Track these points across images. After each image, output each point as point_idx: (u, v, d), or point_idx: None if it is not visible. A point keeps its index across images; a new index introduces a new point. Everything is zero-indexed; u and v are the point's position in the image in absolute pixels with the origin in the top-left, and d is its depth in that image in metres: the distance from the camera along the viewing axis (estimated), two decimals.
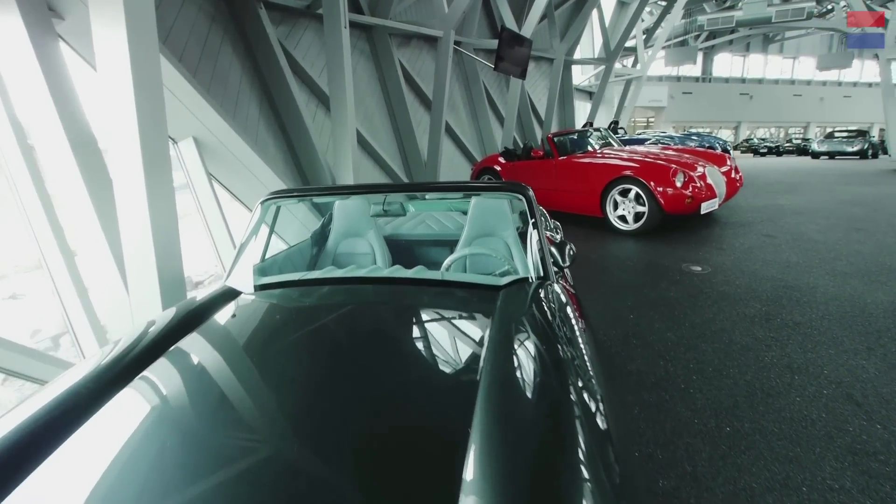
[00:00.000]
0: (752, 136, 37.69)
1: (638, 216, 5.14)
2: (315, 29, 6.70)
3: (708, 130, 39.32)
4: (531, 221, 1.89)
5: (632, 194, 5.10)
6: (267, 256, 2.22)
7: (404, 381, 1.12)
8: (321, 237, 2.85)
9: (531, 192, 2.00)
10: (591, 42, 19.42)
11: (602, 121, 17.12)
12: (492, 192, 2.18)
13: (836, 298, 3.35)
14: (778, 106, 38.15)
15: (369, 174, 7.38)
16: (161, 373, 1.18)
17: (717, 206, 5.12)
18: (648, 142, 9.51)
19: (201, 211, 4.10)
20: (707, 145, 9.13)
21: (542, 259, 1.76)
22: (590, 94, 18.72)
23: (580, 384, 1.05)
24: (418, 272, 1.76)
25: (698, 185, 4.91)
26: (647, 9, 16.29)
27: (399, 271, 1.78)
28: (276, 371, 1.20)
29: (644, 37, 19.12)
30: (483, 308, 1.51)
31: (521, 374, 1.02)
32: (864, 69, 36.57)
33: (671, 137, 10.35)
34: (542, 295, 1.57)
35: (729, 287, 3.63)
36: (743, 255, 4.38)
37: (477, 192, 2.14)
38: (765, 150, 30.98)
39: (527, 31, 10.03)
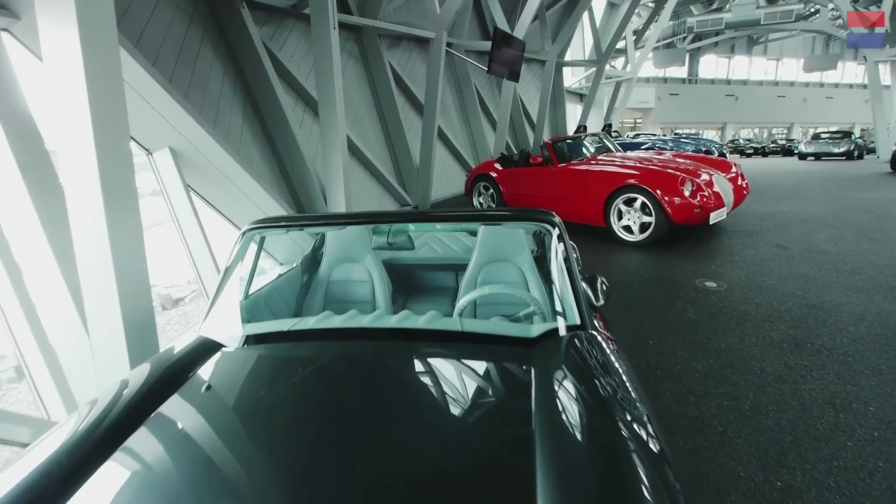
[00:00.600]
0: (738, 137, 38.05)
1: (644, 227, 4.92)
2: (301, 30, 6.38)
3: (694, 131, 39.67)
4: (562, 256, 1.62)
5: (637, 204, 4.87)
6: (251, 292, 1.93)
7: (439, 465, 0.93)
8: (312, 262, 2.56)
9: (559, 220, 1.73)
10: (581, 44, 19.33)
11: (593, 123, 17.00)
12: (515, 221, 1.90)
13: (863, 319, 3.15)
14: (762, 107, 38.63)
15: (359, 181, 7.08)
16: (144, 445, 1.06)
17: (725, 216, 4.92)
18: (644, 146, 9.33)
19: (179, 227, 3.76)
20: (703, 149, 8.97)
21: (578, 302, 1.49)
22: (580, 96, 18.61)
23: (638, 441, 0.98)
24: (432, 320, 1.47)
25: (706, 193, 4.71)
26: (636, 10, 16.19)
27: (409, 319, 1.49)
28: (280, 445, 1.01)
29: (633, 38, 19.08)
30: (516, 368, 1.26)
31: (575, 451, 0.91)
32: (846, 71, 37.15)
33: (665, 141, 10.18)
34: (582, 348, 1.31)
35: (749, 306, 3.41)
36: (757, 268, 4.17)
37: (498, 222, 1.86)
38: (751, 151, 31.27)
39: (519, 32, 9.80)
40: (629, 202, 4.97)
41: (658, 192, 4.67)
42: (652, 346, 2.91)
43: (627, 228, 5.06)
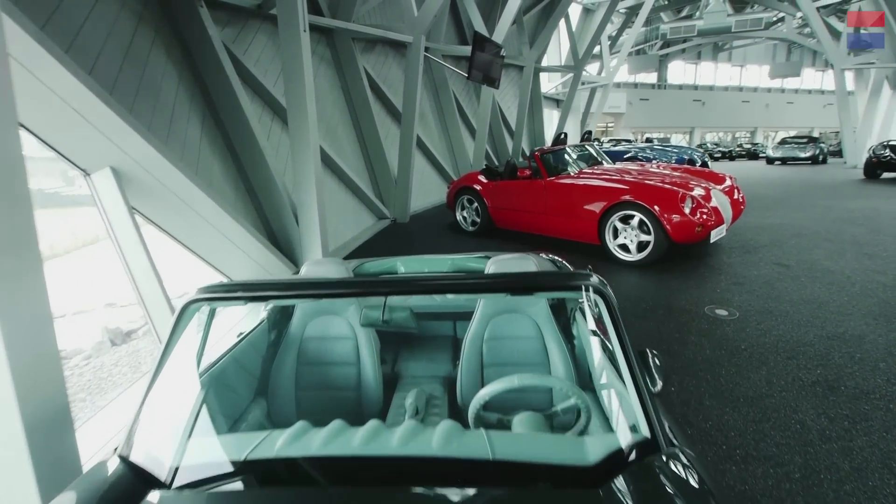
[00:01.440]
0: (705, 142, 39.02)
1: (642, 245, 4.64)
2: (269, 32, 5.87)
3: (664, 135, 40.53)
4: (615, 335, 1.23)
5: (635, 221, 4.58)
6: (201, 372, 1.47)
7: None
8: (282, 315, 2.11)
9: (608, 290, 1.32)
10: (557, 49, 19.28)
11: (570, 129, 16.91)
12: (553, 290, 1.50)
13: (890, 353, 2.90)
14: (728, 112, 39.80)
15: (334, 195, 6.59)
16: None
17: (724, 233, 4.68)
18: (626, 155, 9.16)
19: (124, 259, 3.23)
20: (686, 157, 8.85)
21: (645, 406, 1.09)
22: (556, 102, 18.54)
23: None
24: (448, 439, 1.05)
25: (706, 210, 4.45)
26: (612, 16, 16.18)
27: (416, 439, 1.06)
28: None
29: (608, 44, 19.15)
30: None
31: None
32: (805, 78, 38.54)
33: (646, 149, 10.04)
34: (670, 486, 0.93)
35: (768, 338, 3.13)
36: (764, 291, 3.92)
37: (529, 291, 1.44)
38: (718, 155, 32.01)
39: (497, 36, 9.50)
40: (625, 219, 4.68)
41: (657, 208, 4.39)
42: (675, 395, 2.57)
43: (624, 247, 4.77)
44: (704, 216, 4.40)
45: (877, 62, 14.67)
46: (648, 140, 35.54)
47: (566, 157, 5.89)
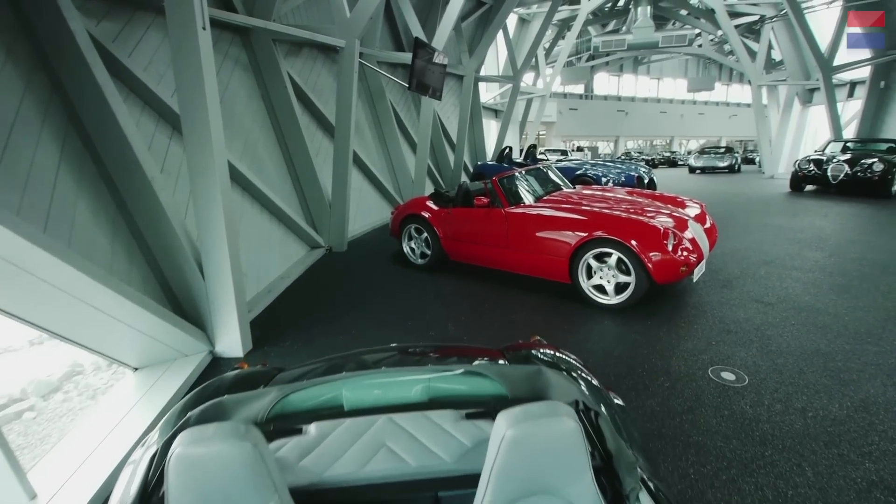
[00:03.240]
0: (629, 150, 41.13)
1: (620, 287, 4.09)
2: (162, 27, 4.72)
3: (592, 144, 42.18)
4: None
5: (612, 260, 4.02)
6: None
7: None
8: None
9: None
10: (494, 59, 19.04)
11: (509, 140, 16.65)
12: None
13: None
14: (648, 121, 42.29)
15: (256, 228, 5.51)
16: None
17: (704, 268, 4.26)
18: (577, 172, 8.80)
19: None
20: (635, 174, 8.66)
21: None
22: (495, 112, 18.25)
23: None
24: None
25: (689, 246, 3.99)
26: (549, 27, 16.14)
27: None
28: None
29: (543, 54, 19.22)
30: None
31: None
32: (714, 91, 41.79)
33: (595, 165, 9.79)
34: None
35: (794, 417, 2.62)
36: (760, 341, 3.49)
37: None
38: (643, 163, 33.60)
39: (437, 43, 8.82)
40: (601, 257, 4.12)
41: (635, 245, 3.85)
42: None
43: (599, 288, 4.20)
44: (687, 253, 3.93)
45: (788, 79, 15.87)
46: (579, 149, 36.78)
47: (525, 181, 5.27)
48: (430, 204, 5.55)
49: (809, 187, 11.72)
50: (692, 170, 22.47)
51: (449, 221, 5.27)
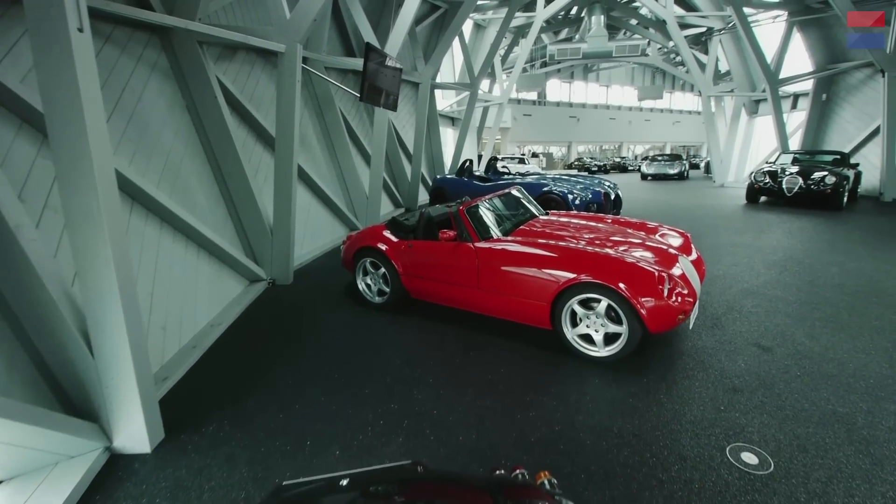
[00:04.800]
0: (582, 156, 41.98)
1: (609, 337, 3.58)
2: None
3: (546, 150, 42.70)
4: None
5: (601, 307, 3.50)
6: None
7: None
8: None
9: None
10: (450, 66, 18.51)
11: (468, 150, 16.18)
12: None
13: None
14: (598, 127, 43.41)
15: (180, 266, 4.60)
16: None
17: (697, 311, 3.82)
18: (545, 188, 8.34)
19: None
20: (601, 190, 8.30)
21: None
22: (451, 120, 17.73)
23: None
24: None
25: (683, 290, 3.53)
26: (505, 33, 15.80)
27: None
28: None
29: (499, 61, 18.92)
30: None
31: None
32: (660, 99, 43.48)
33: (556, 180, 9.38)
34: None
35: None
36: (773, 403, 3.05)
37: None
38: (595, 169, 34.36)
39: (391, 49, 8.13)
40: (587, 302, 3.59)
41: (625, 289, 3.35)
42: None
43: (586, 337, 3.67)
44: (683, 298, 3.47)
45: (735, 90, 16.35)
46: (535, 155, 37.05)
47: (496, 210, 4.70)
48: (388, 234, 4.86)
49: (764, 198, 11.95)
50: (644, 176, 23.01)
51: (410, 255, 4.61)
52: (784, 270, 5.82)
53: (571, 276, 3.55)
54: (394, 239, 4.77)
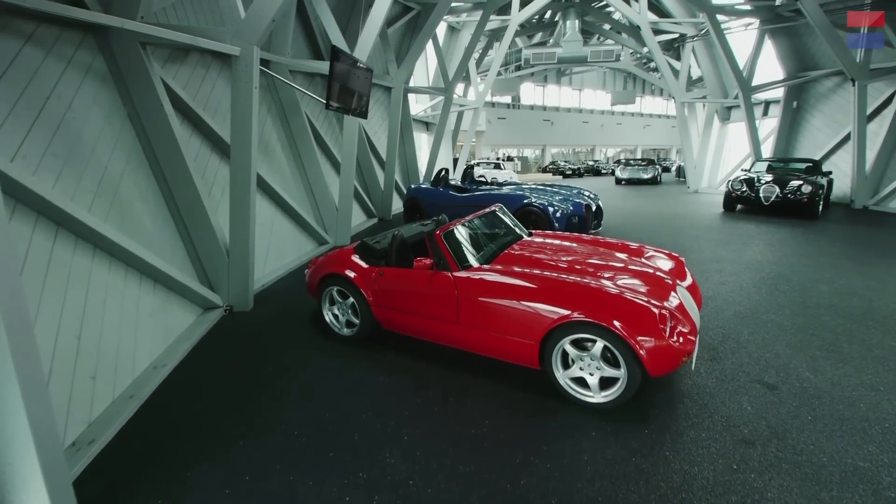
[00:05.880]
0: (556, 160, 42.19)
1: (605, 381, 3.21)
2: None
3: (520, 153, 42.72)
4: None
5: (596, 349, 3.13)
6: None
7: None
8: None
9: None
10: (424, 70, 18.06)
11: (442, 157, 15.77)
12: None
13: None
14: (571, 131, 43.75)
15: (119, 299, 4.01)
16: None
17: (697, 346, 3.50)
18: (525, 200, 7.98)
19: None
20: (583, 202, 8.01)
21: None
22: (426, 125, 17.28)
23: None
24: None
25: (685, 328, 3.19)
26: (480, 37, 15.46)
27: None
28: None
29: (474, 65, 18.60)
30: None
31: None
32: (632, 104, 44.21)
33: (534, 190, 9.05)
34: None
35: None
36: (789, 459, 2.73)
37: None
38: (570, 172, 34.51)
39: (361, 53, 7.66)
40: (580, 342, 3.21)
41: (622, 329, 2.99)
42: None
43: (580, 381, 3.30)
44: (685, 337, 3.13)
45: (708, 97, 16.47)
46: (510, 158, 36.92)
47: (477, 233, 4.28)
48: (356, 260, 4.38)
49: (740, 206, 11.96)
50: (618, 181, 23.13)
51: (381, 284, 4.14)
52: (774, 290, 5.62)
53: (564, 312, 3.16)
54: (363, 265, 4.30)
